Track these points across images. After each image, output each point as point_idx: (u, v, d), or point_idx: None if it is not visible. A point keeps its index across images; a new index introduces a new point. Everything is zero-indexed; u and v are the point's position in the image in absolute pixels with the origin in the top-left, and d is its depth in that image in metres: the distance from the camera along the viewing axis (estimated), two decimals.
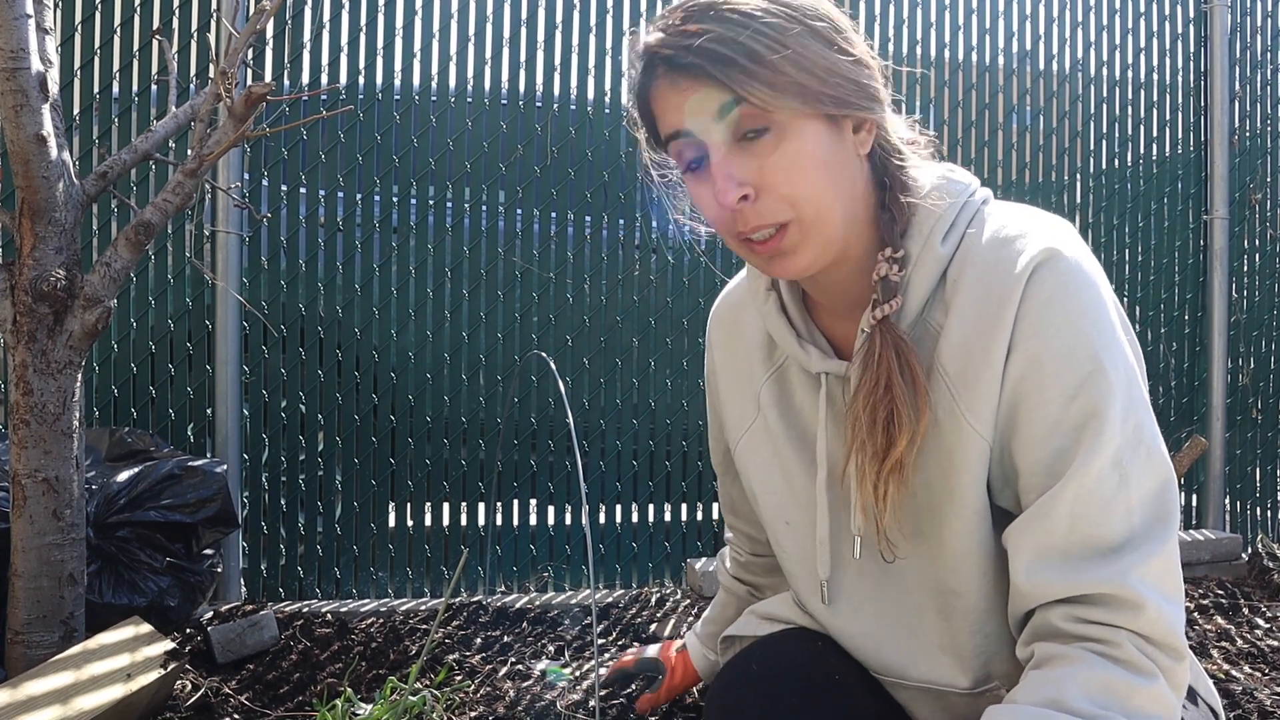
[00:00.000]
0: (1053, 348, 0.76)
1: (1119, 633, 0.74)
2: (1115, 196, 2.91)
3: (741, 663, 1.00)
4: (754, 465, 1.01)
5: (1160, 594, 0.74)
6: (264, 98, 1.58)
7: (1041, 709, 0.72)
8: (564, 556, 2.48)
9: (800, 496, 0.95)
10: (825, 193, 0.78)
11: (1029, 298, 0.77)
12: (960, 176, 0.88)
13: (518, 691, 1.67)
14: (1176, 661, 0.75)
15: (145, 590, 1.81)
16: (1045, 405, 0.76)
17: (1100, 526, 0.75)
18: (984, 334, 0.78)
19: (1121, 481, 0.75)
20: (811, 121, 0.77)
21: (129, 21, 2.20)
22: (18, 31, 1.45)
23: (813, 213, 0.78)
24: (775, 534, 1.00)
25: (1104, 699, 0.72)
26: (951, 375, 0.80)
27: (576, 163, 2.48)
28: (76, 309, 1.55)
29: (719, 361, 1.07)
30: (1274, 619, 2.25)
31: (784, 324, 0.92)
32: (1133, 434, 0.76)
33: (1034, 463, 0.78)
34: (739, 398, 1.02)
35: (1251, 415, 3.04)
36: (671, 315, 2.55)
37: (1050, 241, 0.78)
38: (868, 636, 0.94)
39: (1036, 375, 0.77)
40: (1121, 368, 0.77)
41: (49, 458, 1.55)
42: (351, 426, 2.32)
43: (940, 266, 0.82)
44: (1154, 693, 0.73)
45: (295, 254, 2.30)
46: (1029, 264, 0.77)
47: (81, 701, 1.31)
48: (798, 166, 0.77)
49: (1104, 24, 2.91)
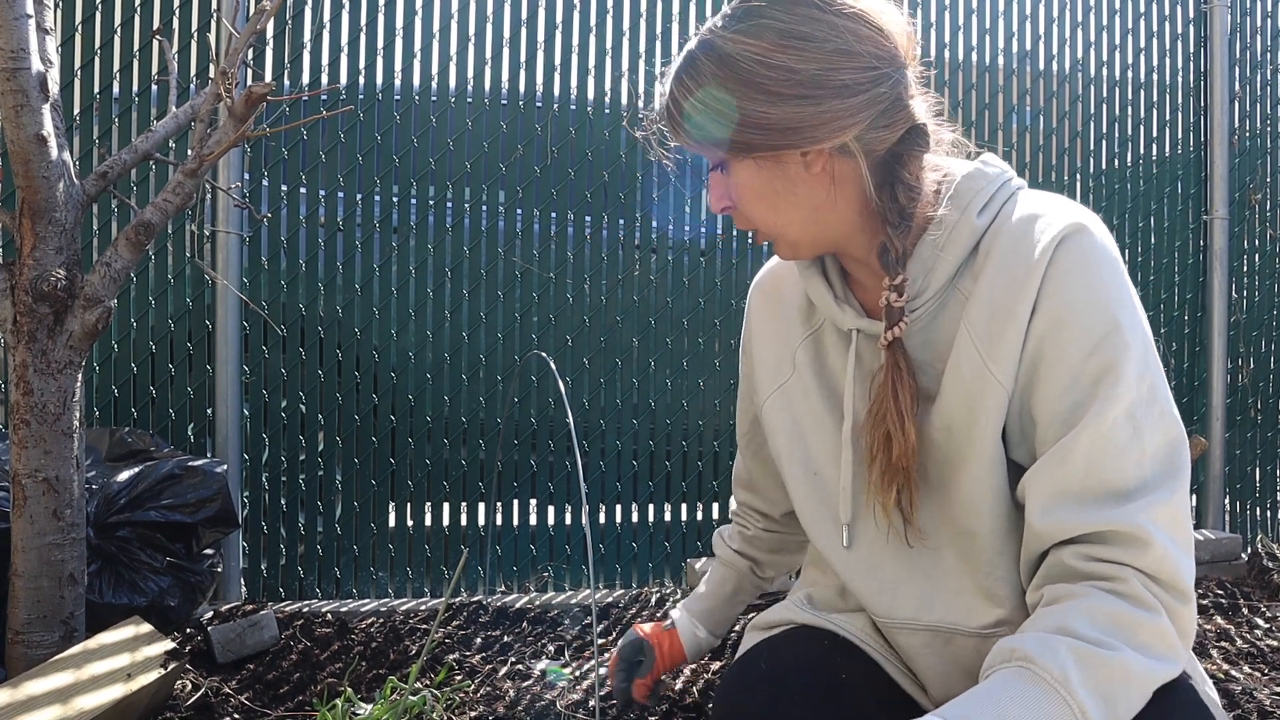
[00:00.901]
0: (1074, 308, 0.82)
1: (1125, 569, 0.78)
2: (1115, 196, 2.91)
3: (749, 661, 1.02)
4: (783, 420, 1.07)
5: (1168, 536, 0.79)
6: (264, 98, 1.58)
7: (1046, 634, 0.76)
8: (564, 556, 2.48)
9: (829, 447, 1.02)
10: (769, 215, 0.93)
11: (1055, 262, 0.84)
12: (996, 163, 0.95)
13: (518, 691, 1.67)
14: (1182, 603, 0.79)
15: (145, 590, 1.81)
16: (1065, 360, 0.82)
17: (1113, 472, 0.80)
18: (1011, 294, 0.85)
19: (1135, 433, 0.80)
20: (743, 161, 0.91)
21: (129, 21, 2.20)
22: (18, 31, 1.45)
23: (767, 228, 0.95)
24: (799, 489, 1.05)
25: (1109, 629, 0.75)
26: (978, 331, 0.87)
27: (576, 163, 2.48)
28: (77, 309, 1.55)
29: (756, 324, 1.14)
30: (1273, 619, 2.25)
31: (824, 286, 1.01)
32: (1147, 393, 0.82)
33: (1052, 415, 0.84)
34: (774, 358, 1.09)
35: (1251, 415, 3.04)
36: (671, 315, 2.55)
37: (1076, 218, 0.86)
38: (884, 580, 0.98)
39: (1057, 333, 0.83)
40: (1138, 331, 0.83)
41: (49, 458, 1.55)
42: (351, 426, 2.32)
43: (975, 237, 0.90)
44: (1159, 628, 0.77)
45: (295, 254, 2.30)
46: (1058, 234, 0.84)
47: (82, 701, 1.31)
48: (741, 197, 0.94)
49: (1104, 24, 2.91)
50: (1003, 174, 0.93)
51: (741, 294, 2.61)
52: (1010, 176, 0.94)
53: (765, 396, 1.09)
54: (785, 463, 1.06)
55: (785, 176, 0.90)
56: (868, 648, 1.01)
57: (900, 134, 0.89)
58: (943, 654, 0.95)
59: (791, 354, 1.07)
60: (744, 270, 2.61)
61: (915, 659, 0.98)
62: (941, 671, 0.96)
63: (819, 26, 0.85)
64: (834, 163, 0.89)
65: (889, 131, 0.88)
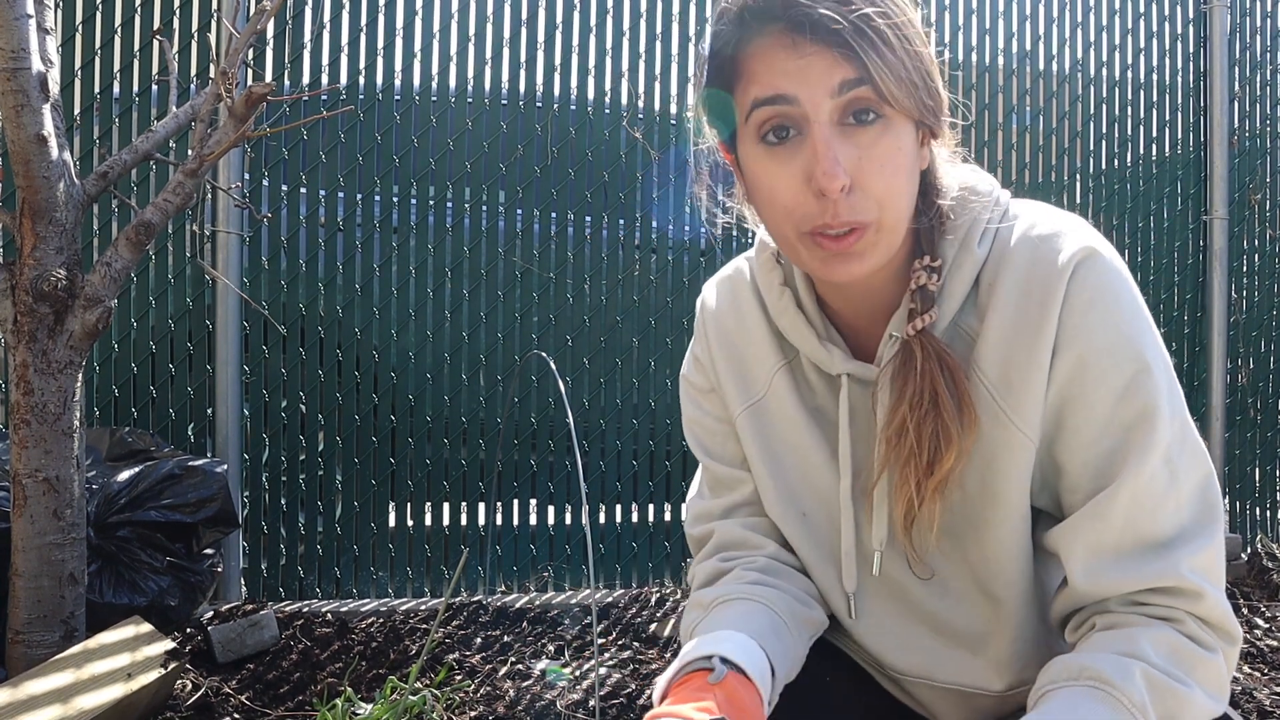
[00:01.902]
0: (1099, 347, 0.76)
1: (1180, 613, 0.75)
2: (1115, 196, 2.91)
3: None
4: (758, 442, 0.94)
5: (1211, 583, 0.76)
6: (264, 98, 1.58)
7: (1118, 655, 0.72)
8: (564, 556, 2.48)
9: (820, 492, 0.92)
10: (906, 200, 0.76)
11: (1071, 297, 0.76)
12: (983, 177, 0.86)
13: (518, 691, 1.67)
14: (1231, 645, 0.77)
15: (145, 590, 1.81)
16: (1094, 406, 0.76)
17: (1152, 524, 0.75)
18: (1027, 336, 0.77)
19: (1171, 478, 0.75)
20: (909, 124, 0.75)
21: (129, 22, 2.20)
22: (18, 31, 1.45)
23: (893, 217, 0.76)
24: (789, 528, 0.95)
25: (1174, 660, 0.73)
26: (992, 379, 0.79)
27: (576, 163, 2.48)
28: (77, 309, 1.55)
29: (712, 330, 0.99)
30: (1273, 619, 2.25)
31: (802, 322, 0.89)
32: (1179, 430, 0.77)
33: (1082, 464, 0.78)
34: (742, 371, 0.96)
35: (1251, 415, 3.04)
36: (671, 315, 2.55)
37: (1085, 240, 0.78)
38: (893, 639, 0.92)
39: (1083, 377, 0.76)
40: (1163, 364, 0.77)
41: (49, 457, 1.55)
42: (351, 426, 2.32)
43: (976, 269, 0.81)
44: (1215, 667, 0.75)
45: (295, 254, 2.30)
46: (1069, 263, 0.77)
47: (82, 701, 1.31)
48: (893, 165, 0.74)
49: (1104, 24, 2.91)
50: (993, 190, 0.85)
51: None
52: (998, 191, 0.85)
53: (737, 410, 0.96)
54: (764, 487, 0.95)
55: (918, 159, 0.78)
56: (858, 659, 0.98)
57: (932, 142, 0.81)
58: (960, 705, 0.92)
59: (767, 373, 0.94)
60: None
61: (929, 705, 0.94)
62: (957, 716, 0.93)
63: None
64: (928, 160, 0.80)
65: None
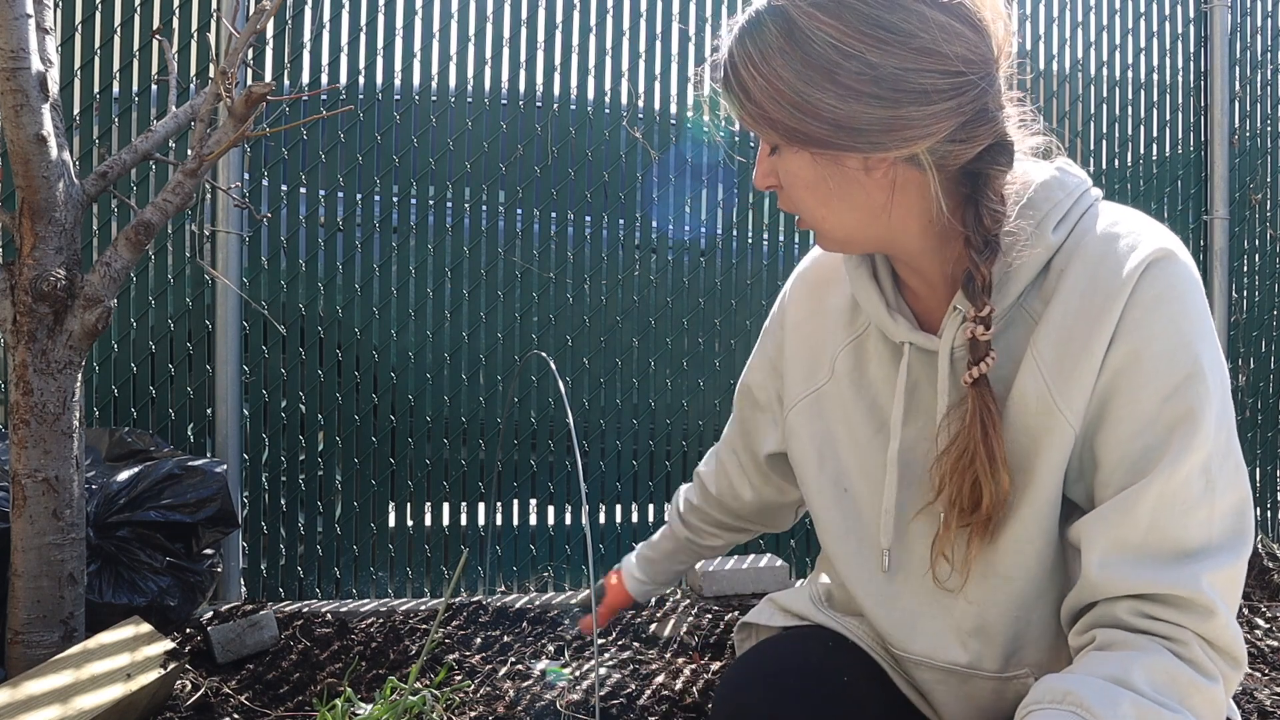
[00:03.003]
0: (1155, 345, 0.76)
1: (1186, 633, 0.74)
2: (1115, 196, 2.91)
3: (752, 660, 1.00)
4: (812, 428, 0.99)
5: (1225, 603, 0.74)
6: (264, 98, 1.58)
7: (1105, 682, 0.71)
8: (564, 556, 2.48)
9: (866, 465, 0.94)
10: (816, 208, 0.85)
11: (1138, 292, 0.77)
12: (1075, 171, 0.87)
13: (518, 691, 1.67)
14: (1235, 670, 0.76)
15: (145, 590, 1.81)
16: (1140, 402, 0.76)
17: (1180, 530, 0.75)
18: (1087, 324, 0.78)
19: (1208, 488, 0.75)
20: (797, 152, 0.82)
21: (129, 21, 2.20)
22: (18, 31, 1.45)
23: (811, 219, 0.87)
24: (825, 505, 0.98)
25: (1168, 689, 0.72)
26: (1047, 361, 0.80)
27: (576, 163, 2.48)
28: (76, 309, 1.55)
29: (793, 318, 1.05)
30: (1274, 619, 2.25)
31: (874, 290, 0.92)
32: (1224, 445, 0.76)
33: (1119, 458, 0.77)
34: (810, 358, 1.01)
35: (1251, 415, 3.04)
36: (671, 315, 2.55)
37: (1164, 243, 0.79)
38: (904, 612, 0.93)
39: (1135, 370, 0.76)
40: (1219, 376, 0.77)
41: (49, 457, 1.55)
42: (351, 426, 2.32)
43: (1048, 254, 0.82)
44: (1213, 696, 0.73)
45: (295, 254, 2.30)
46: (1142, 261, 0.77)
47: (81, 701, 1.31)
48: (788, 183, 0.85)
49: (1104, 24, 2.91)
50: (1081, 183, 0.85)
51: (741, 294, 2.61)
52: (1088, 186, 0.85)
53: (796, 399, 1.01)
54: (812, 473, 0.99)
55: (841, 175, 0.81)
56: (876, 655, 0.99)
57: (980, 149, 0.79)
58: (958, 691, 0.92)
59: (831, 358, 0.98)
60: (744, 270, 2.61)
61: (930, 692, 0.95)
62: (958, 707, 0.94)
63: (908, 16, 0.74)
64: (898, 170, 0.80)
65: (968, 146, 0.78)
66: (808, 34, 0.76)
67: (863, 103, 0.75)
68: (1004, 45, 0.79)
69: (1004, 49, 0.80)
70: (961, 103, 0.76)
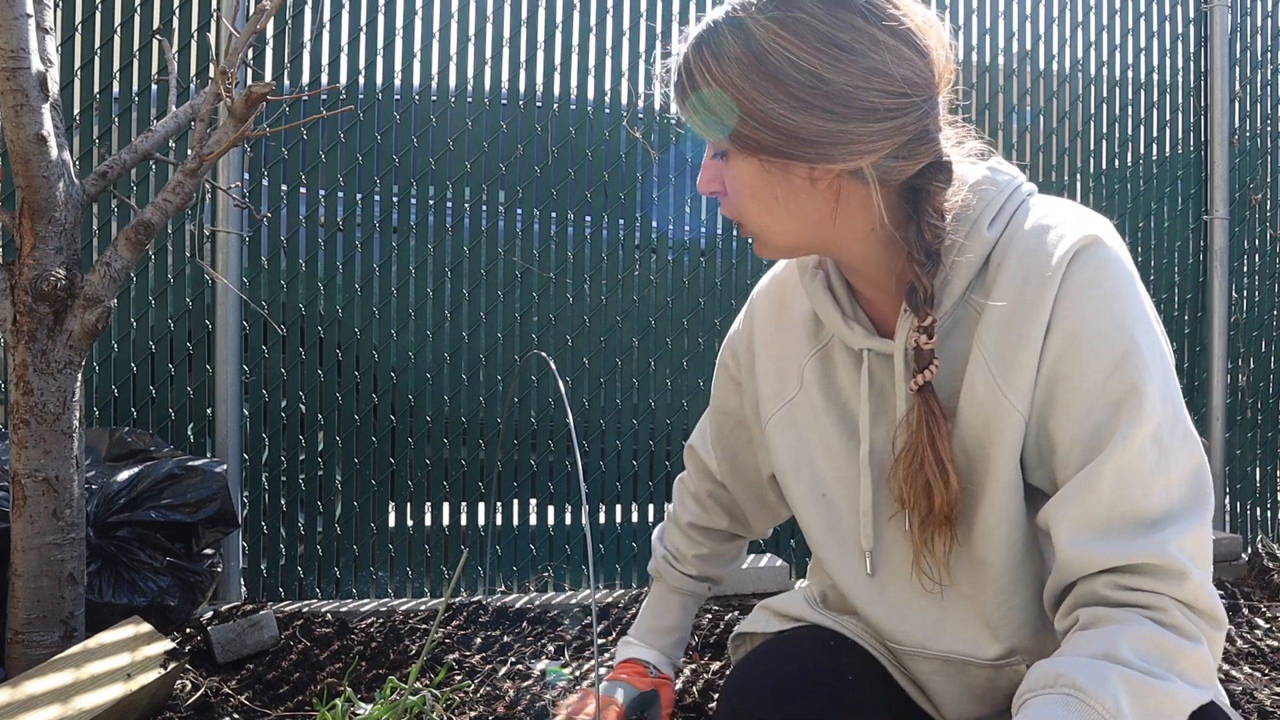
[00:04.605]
0: (1090, 327, 0.79)
1: (1164, 599, 0.76)
2: (1115, 196, 2.91)
3: (754, 663, 1.00)
4: (789, 439, 1.02)
5: (1196, 566, 0.77)
6: (264, 98, 1.58)
7: (1093, 660, 0.73)
8: (564, 556, 2.48)
9: (842, 470, 0.98)
10: (760, 216, 0.88)
11: (1069, 279, 0.80)
12: (1006, 169, 0.91)
13: (518, 691, 1.67)
14: (1217, 630, 0.78)
15: (145, 590, 1.81)
16: (1083, 382, 0.79)
17: (1141, 500, 0.77)
18: (1024, 313, 0.81)
19: (1162, 457, 0.78)
20: (746, 158, 0.85)
21: (129, 21, 2.20)
22: (18, 31, 1.45)
23: (754, 227, 0.90)
24: (807, 511, 1.01)
25: (1153, 657, 0.74)
26: (991, 352, 0.84)
27: (576, 163, 2.48)
28: (76, 309, 1.55)
29: (760, 335, 1.08)
30: (1274, 619, 2.25)
31: (829, 300, 0.96)
32: (1171, 414, 0.79)
33: (1072, 439, 0.81)
34: (779, 372, 1.04)
35: (1251, 415, 3.04)
36: (671, 315, 2.55)
37: (1091, 229, 0.82)
38: (894, 606, 0.95)
39: (1074, 353, 0.80)
40: (1157, 350, 0.80)
41: (49, 457, 1.55)
42: (351, 426, 2.32)
43: (985, 250, 0.85)
44: (1199, 656, 0.75)
45: (295, 254, 2.30)
46: (1070, 248, 0.81)
47: (81, 701, 1.31)
48: (734, 190, 0.88)
49: (1104, 24, 2.91)
50: (1012, 180, 0.89)
51: (741, 294, 2.61)
52: (1020, 182, 0.90)
53: (770, 413, 1.04)
54: (791, 483, 1.02)
55: (787, 184, 0.85)
56: (876, 652, 1.00)
57: (920, 166, 0.83)
58: (955, 680, 0.94)
59: (798, 369, 1.02)
60: (744, 270, 2.61)
61: (927, 683, 0.96)
62: (955, 697, 0.95)
63: (860, 37, 0.79)
64: (842, 182, 0.84)
65: (910, 163, 0.83)
66: (765, 47, 0.80)
67: (814, 115, 0.79)
68: (945, 72, 0.85)
69: (945, 76, 0.85)
70: (905, 122, 0.81)
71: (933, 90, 0.83)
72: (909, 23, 0.81)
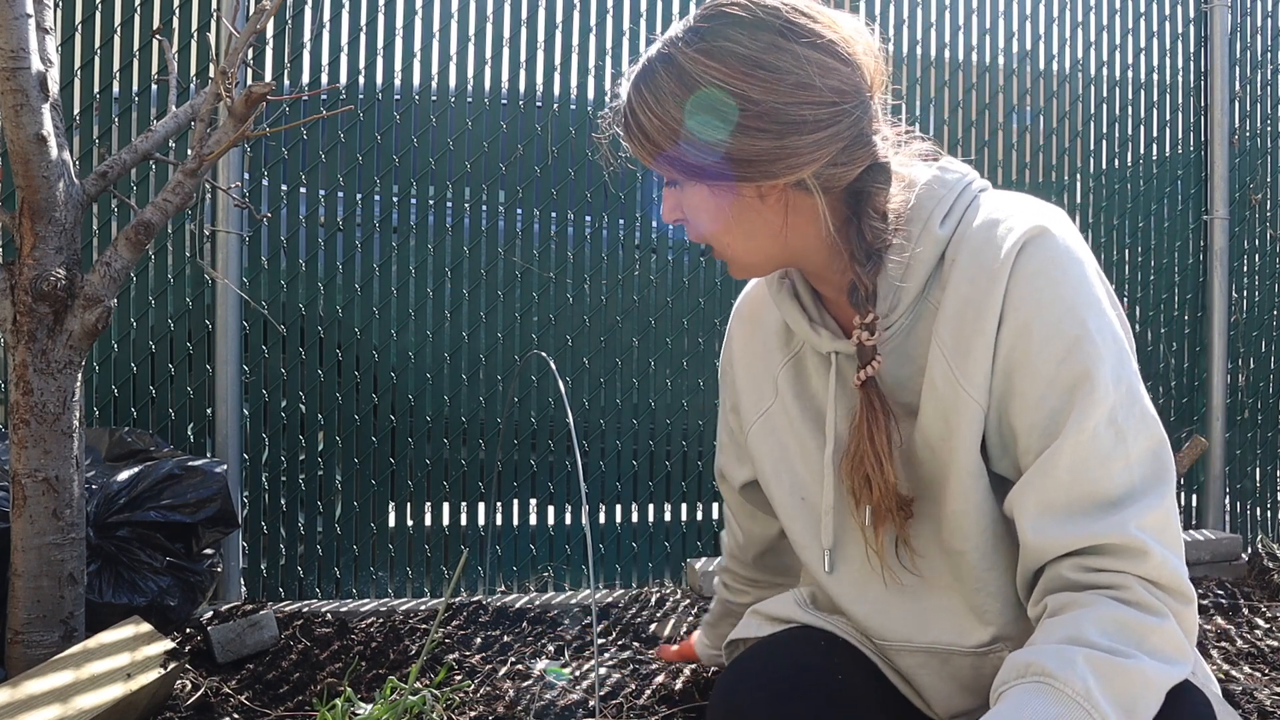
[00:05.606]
0: (1040, 316, 0.81)
1: (1127, 578, 0.77)
2: (1115, 196, 2.91)
3: (745, 664, 1.00)
4: (768, 446, 1.05)
5: (1161, 543, 0.78)
6: (264, 98, 1.58)
7: (1061, 645, 0.75)
8: (564, 556, 2.48)
9: (816, 473, 1.01)
10: (721, 236, 0.92)
11: (1017, 270, 0.83)
12: (956, 168, 0.93)
13: (518, 691, 1.67)
14: (1185, 605, 0.79)
15: (145, 590, 1.81)
16: (1036, 370, 0.82)
17: (1100, 481, 0.79)
18: (976, 306, 0.84)
19: (1118, 438, 0.79)
20: (695, 185, 0.89)
21: (129, 21, 2.20)
22: (18, 31, 1.45)
23: (719, 247, 0.94)
24: (787, 514, 1.04)
25: (1121, 636, 0.75)
26: (948, 345, 0.86)
27: (576, 163, 2.48)
28: (76, 309, 1.55)
29: (737, 351, 1.12)
30: (1274, 619, 2.25)
31: (796, 307, 0.99)
32: (1125, 395, 0.81)
33: (1030, 426, 0.83)
34: (756, 384, 1.08)
35: (1251, 415, 3.04)
36: (671, 315, 2.55)
37: (1038, 220, 0.85)
38: (874, 602, 0.97)
39: (1026, 342, 0.82)
40: (1108, 334, 0.82)
41: (49, 457, 1.55)
42: (351, 426, 2.32)
43: (939, 247, 0.88)
44: (1168, 632, 0.76)
45: (295, 254, 2.30)
46: (1018, 240, 0.83)
47: (81, 701, 1.31)
48: (692, 215, 0.92)
49: (1104, 24, 2.91)
50: (963, 178, 0.92)
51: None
52: (971, 180, 0.92)
53: (750, 424, 1.08)
54: (774, 489, 1.05)
55: (738, 204, 0.89)
56: (867, 650, 1.00)
57: (860, 170, 0.87)
58: (941, 672, 0.95)
59: (773, 379, 1.05)
60: None
61: (914, 677, 0.97)
62: (942, 689, 0.96)
63: (781, 56, 0.82)
64: (789, 195, 0.88)
65: (848, 169, 0.86)
66: (695, 77, 0.83)
67: (749, 136, 0.83)
68: (877, 77, 0.87)
69: (877, 80, 0.87)
70: (839, 130, 0.84)
71: (864, 96, 0.86)
72: (831, 34, 0.84)
